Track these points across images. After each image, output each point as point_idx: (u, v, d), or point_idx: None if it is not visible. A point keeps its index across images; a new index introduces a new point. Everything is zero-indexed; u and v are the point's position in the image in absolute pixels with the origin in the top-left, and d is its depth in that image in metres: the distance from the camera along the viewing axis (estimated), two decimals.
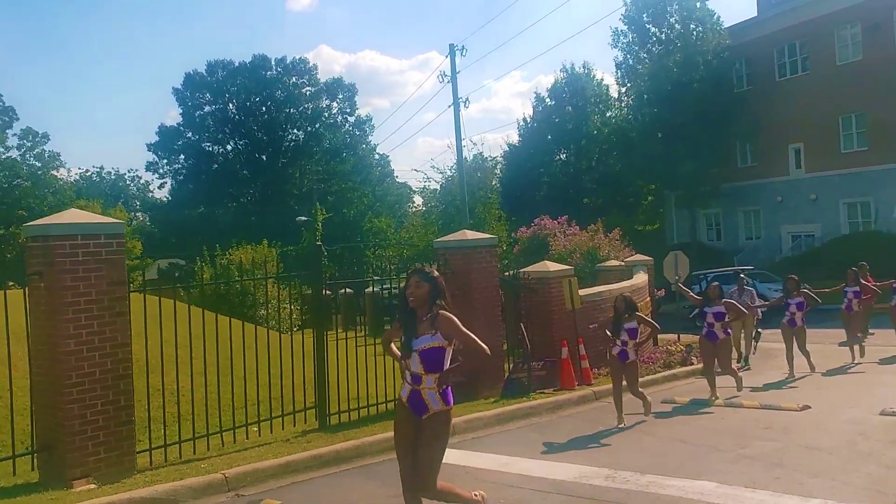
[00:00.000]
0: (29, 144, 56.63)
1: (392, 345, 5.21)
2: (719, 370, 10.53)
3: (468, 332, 4.87)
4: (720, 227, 40.16)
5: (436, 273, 5.02)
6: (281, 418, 8.38)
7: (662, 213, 42.87)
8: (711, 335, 10.39)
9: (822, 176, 33.74)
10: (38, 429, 6.68)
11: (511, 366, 10.92)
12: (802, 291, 12.36)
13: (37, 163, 56.92)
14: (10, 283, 18.38)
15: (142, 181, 72.53)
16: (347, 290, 18.49)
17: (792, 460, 6.76)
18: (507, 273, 12.00)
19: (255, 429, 8.17)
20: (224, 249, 29.17)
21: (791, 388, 11.13)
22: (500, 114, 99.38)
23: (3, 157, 54.92)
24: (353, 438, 7.75)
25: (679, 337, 15.43)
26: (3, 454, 6.74)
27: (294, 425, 8.49)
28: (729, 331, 10.71)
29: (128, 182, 72.90)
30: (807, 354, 12.11)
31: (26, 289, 6.69)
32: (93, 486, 6.37)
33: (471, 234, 11.23)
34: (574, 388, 10.59)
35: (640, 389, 9.26)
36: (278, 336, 10.21)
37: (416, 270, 5.00)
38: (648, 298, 15.30)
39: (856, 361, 12.86)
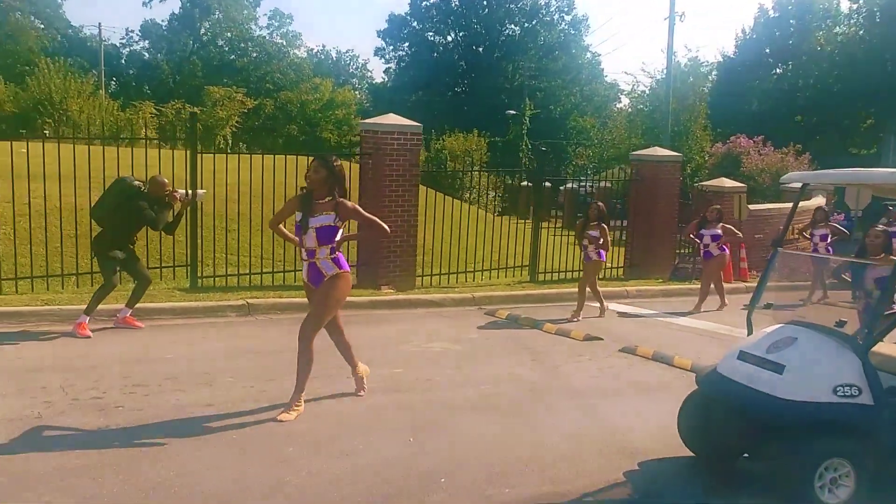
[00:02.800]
0: (276, 24, 63.64)
1: (280, 226, 5.64)
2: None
3: (367, 214, 5.62)
4: None
5: (335, 162, 5.40)
6: (505, 270, 11.98)
7: (882, 138, 41.36)
8: (706, 254, 11.25)
9: None
10: (359, 252, 10.56)
11: (677, 258, 13.70)
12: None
13: (282, 41, 63.93)
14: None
15: (360, 60, 78.87)
16: (546, 184, 20.86)
17: None
18: (696, 182, 14.51)
19: (488, 276, 11.79)
20: (439, 135, 32.57)
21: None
22: (719, 14, 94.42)
23: (256, 34, 62.25)
24: (556, 287, 11.15)
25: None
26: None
27: (513, 276, 12.03)
28: (725, 248, 11.30)
29: (348, 62, 79.24)
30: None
31: (362, 162, 10.49)
32: (392, 290, 10.22)
33: (661, 151, 13.93)
34: (730, 281, 13.15)
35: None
36: (491, 217, 13.73)
37: (317, 157, 5.44)
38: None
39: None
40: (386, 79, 70.08)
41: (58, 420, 5.00)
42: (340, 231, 5.37)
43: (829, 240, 11.89)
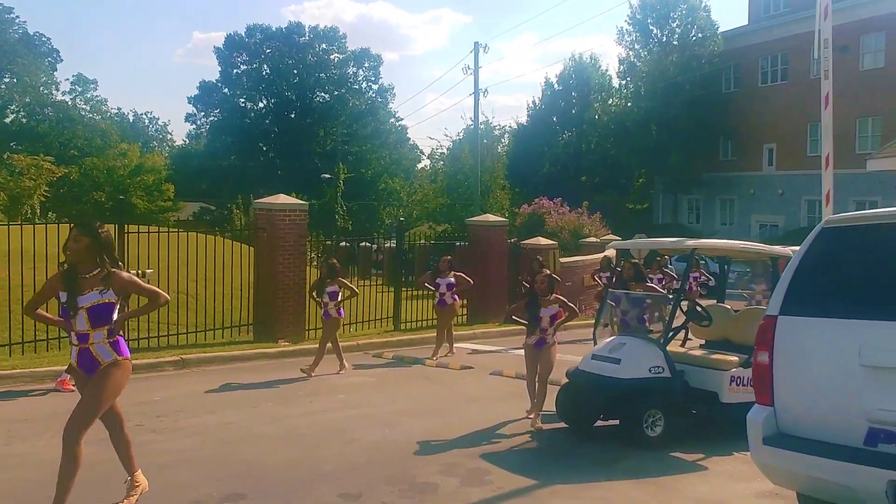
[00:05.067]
0: (80, 90, 61.89)
1: (39, 310, 4.92)
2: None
3: (146, 285, 5.01)
4: (700, 212, 45.39)
5: (99, 228, 4.72)
6: (373, 322, 14.17)
7: (652, 194, 48.29)
8: (441, 302, 11.98)
9: (790, 174, 38.86)
10: (257, 312, 12.28)
11: (509, 304, 16.54)
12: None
13: (86, 106, 62.21)
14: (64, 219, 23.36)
15: (159, 122, 78.49)
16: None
17: None
18: (511, 240, 17.48)
19: (361, 327, 13.87)
20: (257, 198, 34.03)
21: None
22: (511, 77, 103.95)
23: (58, 99, 60.11)
24: (417, 333, 13.53)
25: None
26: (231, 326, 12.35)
27: (381, 326, 14.22)
28: (456, 297, 12.19)
29: (146, 123, 78.24)
30: None
31: (257, 235, 12.30)
32: (288, 343, 12.03)
33: (491, 218, 16.97)
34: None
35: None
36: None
37: (76, 224, 4.80)
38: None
39: None
40: (188, 141, 70.27)
41: None
42: (117, 308, 4.67)
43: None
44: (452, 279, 12.02)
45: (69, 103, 60.58)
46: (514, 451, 6.59)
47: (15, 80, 59.13)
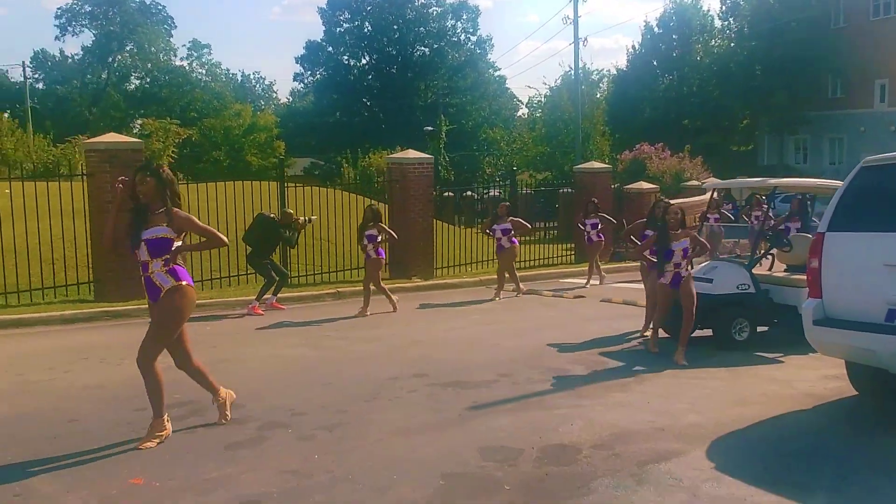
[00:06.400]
0: (195, 54, 65.87)
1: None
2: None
3: (202, 225, 5.43)
4: (807, 152, 44.68)
5: (164, 169, 5.23)
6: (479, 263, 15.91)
7: (756, 135, 47.78)
8: (499, 247, 12.53)
9: None
10: (392, 253, 14.20)
11: (613, 245, 17.96)
12: None
13: (202, 70, 66.20)
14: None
15: (265, 82, 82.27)
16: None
17: None
18: (614, 185, 18.79)
19: (486, 265, 15.64)
20: (364, 153, 36.20)
21: None
22: (610, 22, 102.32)
23: (176, 65, 64.23)
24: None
25: None
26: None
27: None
28: (514, 241, 12.53)
29: (253, 83, 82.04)
30: None
31: (391, 187, 14.18)
32: (419, 279, 13.91)
33: (597, 165, 18.43)
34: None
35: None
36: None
37: (142, 167, 5.31)
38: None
39: None
40: (290, 99, 73.50)
41: None
42: (177, 243, 5.18)
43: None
44: (508, 224, 12.38)
45: (186, 68, 64.55)
46: (626, 351, 8.22)
47: (136, 49, 63.49)
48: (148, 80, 63.03)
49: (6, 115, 37.20)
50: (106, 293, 11.30)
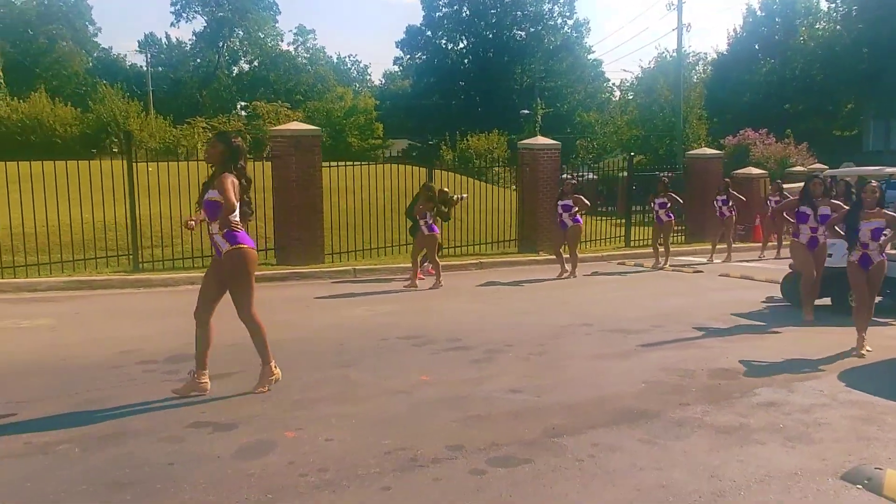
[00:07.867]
0: (301, 40, 68.94)
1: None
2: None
3: (229, 190, 5.20)
4: None
5: (233, 137, 5.40)
6: (603, 241, 17.35)
7: (861, 120, 47.01)
8: (562, 224, 12.88)
9: None
10: (521, 229, 15.78)
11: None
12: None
13: (307, 55, 69.18)
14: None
15: (361, 65, 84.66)
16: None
17: None
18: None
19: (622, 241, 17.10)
20: (462, 136, 37.59)
21: None
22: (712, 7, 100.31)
23: (283, 50, 67.36)
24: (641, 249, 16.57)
25: None
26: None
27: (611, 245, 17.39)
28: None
29: (349, 66, 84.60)
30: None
31: (522, 171, 15.75)
32: (546, 254, 15.48)
33: (709, 151, 19.47)
34: (759, 241, 18.44)
35: None
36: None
37: (216, 133, 5.52)
38: None
39: None
40: (384, 81, 75.69)
41: None
42: (223, 206, 5.25)
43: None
44: (570, 201, 12.65)
45: (293, 52, 67.60)
46: (754, 312, 9.64)
47: (245, 34, 66.88)
48: (256, 63, 66.26)
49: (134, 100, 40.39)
50: (287, 258, 13.35)
